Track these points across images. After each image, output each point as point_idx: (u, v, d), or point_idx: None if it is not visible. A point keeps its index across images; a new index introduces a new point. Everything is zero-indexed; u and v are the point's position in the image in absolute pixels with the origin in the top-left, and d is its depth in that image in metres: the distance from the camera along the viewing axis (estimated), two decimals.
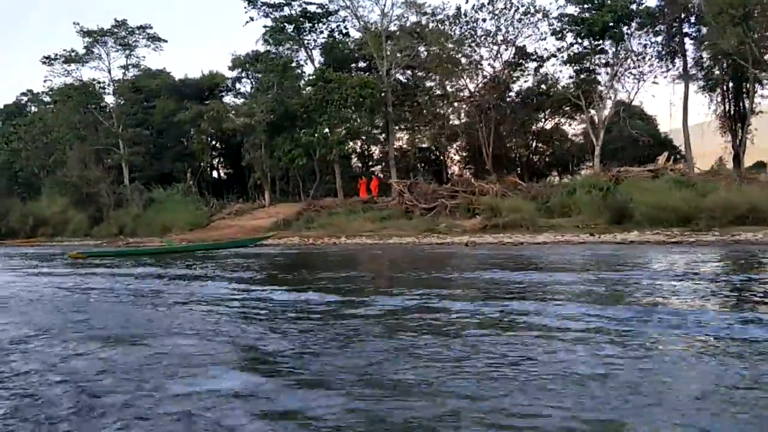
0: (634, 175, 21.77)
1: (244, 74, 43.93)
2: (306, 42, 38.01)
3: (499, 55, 33.92)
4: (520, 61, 34.16)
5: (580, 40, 30.26)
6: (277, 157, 34.94)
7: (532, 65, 34.28)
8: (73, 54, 43.24)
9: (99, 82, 44.28)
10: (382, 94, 34.27)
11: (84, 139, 43.74)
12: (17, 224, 43.72)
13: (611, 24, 27.94)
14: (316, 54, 38.90)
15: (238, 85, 45.73)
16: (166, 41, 45.10)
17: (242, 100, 44.29)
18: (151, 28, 43.96)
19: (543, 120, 40.05)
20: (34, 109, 53.56)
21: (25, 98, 54.24)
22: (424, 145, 45.08)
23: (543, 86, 36.16)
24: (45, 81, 48.32)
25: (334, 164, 36.57)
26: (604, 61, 31.19)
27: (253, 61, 40.87)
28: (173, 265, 15.08)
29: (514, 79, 35.38)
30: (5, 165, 48.78)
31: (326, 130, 33.53)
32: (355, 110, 33.18)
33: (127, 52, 44.36)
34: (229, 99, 45.82)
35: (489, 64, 34.59)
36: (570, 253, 13.69)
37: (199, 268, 13.78)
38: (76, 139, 43.62)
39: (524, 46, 33.53)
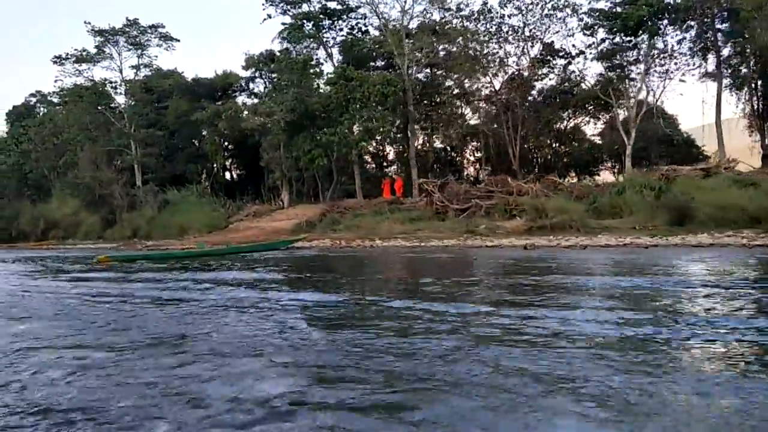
0: (685, 174, 20.81)
1: (257, 74, 43.01)
2: (325, 40, 37.12)
3: (525, 52, 33.00)
4: (548, 57, 33.19)
5: (612, 36, 29.32)
6: (297, 157, 34.03)
7: (560, 62, 33.25)
8: (84, 53, 42.41)
9: (111, 82, 43.47)
10: (403, 93, 33.43)
11: (95, 140, 42.91)
12: (28, 227, 42.90)
13: (646, 18, 27.00)
14: (334, 52, 37.97)
15: (251, 85, 44.79)
16: (178, 41, 44.34)
17: (255, 100, 43.49)
18: (164, 27, 43.21)
19: (567, 119, 39.06)
20: (43, 110, 52.76)
21: (34, 99, 53.42)
22: (439, 146, 44.19)
23: (566, 84, 35.29)
24: (56, 81, 47.49)
25: (354, 164, 35.77)
26: (633, 57, 30.29)
27: (267, 60, 40.09)
28: (216, 268, 14.18)
29: (541, 76, 34.42)
30: (15, 166, 47.94)
31: (347, 129, 32.63)
32: (377, 108, 32.30)
33: (139, 51, 43.60)
34: (242, 99, 44.94)
35: (514, 62, 33.66)
36: (663, 257, 12.55)
37: (245, 271, 12.89)
38: (88, 140, 42.78)
39: (552, 42, 32.63)
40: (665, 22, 28.94)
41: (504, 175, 25.80)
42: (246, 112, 37.88)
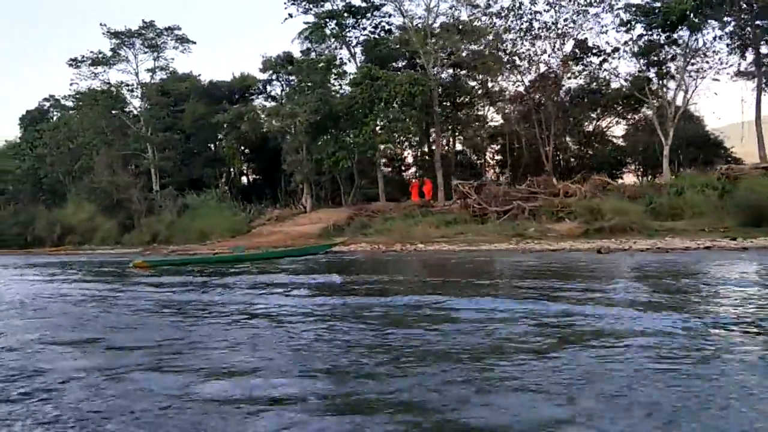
0: (747, 173, 19.74)
1: (274, 77, 42.09)
2: (348, 39, 36.23)
3: (556, 50, 31.98)
4: (581, 55, 32.17)
5: (650, 32, 28.30)
6: (319, 159, 33.15)
7: (594, 60, 32.20)
8: (100, 56, 41.66)
9: (127, 85, 42.75)
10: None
11: (111, 143, 42.12)
12: (44, 232, 42.09)
13: (689, 12, 25.98)
14: (357, 52, 37.09)
15: (269, 88, 43.88)
16: (194, 43, 43.71)
17: (272, 103, 42.68)
18: (180, 29, 42.56)
19: (596, 119, 38.05)
20: (56, 114, 52.02)
21: (47, 104, 52.67)
22: (458, 148, 43.21)
23: (595, 83, 34.30)
24: (71, 84, 46.76)
25: (378, 167, 34.94)
26: (671, 54, 29.26)
27: (285, 62, 39.30)
28: (261, 271, 13.21)
29: (572, 74, 33.39)
30: (30, 171, 47.19)
31: (372, 130, 31.76)
32: (403, 109, 31.43)
33: (155, 54, 42.93)
34: (259, 102, 44.06)
35: (545, 60, 32.66)
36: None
37: (292, 275, 11.93)
38: (103, 144, 42.00)
39: (585, 39, 31.60)
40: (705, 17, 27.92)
41: (547, 176, 24.79)
42: (267, 115, 36.92)
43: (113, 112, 43.31)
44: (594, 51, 31.97)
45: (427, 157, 39.63)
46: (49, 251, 37.71)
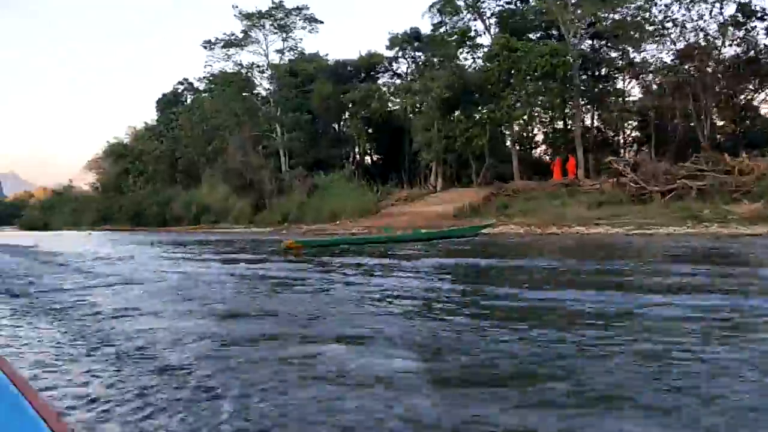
0: None
1: (400, 53, 41.21)
2: (481, 11, 34.60)
3: (715, 14, 28.79)
4: (744, 20, 28.80)
5: None
6: (452, 137, 31.99)
7: (757, 24, 28.74)
8: (232, 38, 42.57)
9: (257, 66, 43.44)
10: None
11: (242, 125, 43.05)
12: (181, 212, 43.95)
13: None
14: (491, 24, 35.36)
15: (395, 65, 43.11)
16: (322, 22, 43.57)
17: (398, 81, 41.93)
18: (308, 8, 42.53)
19: (753, 91, 34.23)
20: (189, 97, 54.17)
21: (181, 87, 55.00)
22: (591, 124, 40.43)
23: (753, 52, 30.65)
24: (205, 66, 48.47)
25: (513, 143, 33.36)
26: None
27: (412, 39, 38.39)
28: (421, 254, 12.30)
29: (733, 41, 30.04)
30: (167, 152, 49.44)
31: (510, 104, 30.21)
32: (543, 82, 29.61)
33: (284, 34, 43.24)
34: (384, 80, 43.44)
35: (699, 26, 29.54)
36: None
37: (449, 257, 10.87)
38: (236, 126, 43.01)
39: (749, 1, 28.21)
40: None
41: (719, 153, 22.25)
42: (397, 92, 36.20)
43: (243, 94, 44.25)
44: (759, 15, 28.51)
45: (558, 134, 37.43)
46: (189, 229, 39.17)
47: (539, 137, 42.40)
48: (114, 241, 27.54)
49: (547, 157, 37.07)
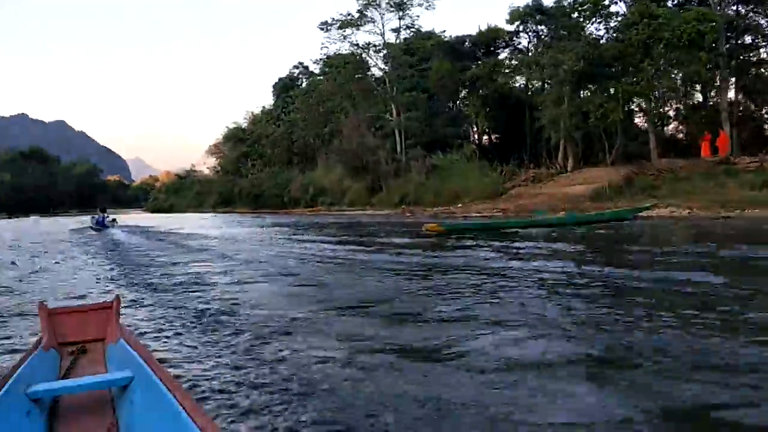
0: None
1: (521, 27, 38.97)
2: None
3: None
4: None
5: None
6: (583, 113, 29.74)
7: None
8: (348, 18, 41.96)
9: (374, 46, 42.64)
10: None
11: (358, 106, 42.50)
12: (298, 194, 44.21)
13: None
14: None
15: (515, 40, 40.89)
16: None
17: (519, 57, 39.75)
18: None
19: None
20: (305, 81, 54.48)
21: (296, 71, 55.41)
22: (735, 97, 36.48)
23: None
24: (322, 48, 48.39)
25: (651, 119, 30.61)
26: None
27: (534, 11, 36.12)
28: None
29: None
30: (283, 136, 49.95)
31: (650, 75, 27.55)
32: (689, 51, 26.67)
33: (400, 12, 42.14)
34: (504, 56, 41.36)
35: None
36: None
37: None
38: (351, 107, 42.53)
39: None
40: None
41: None
42: (523, 66, 34.23)
43: (358, 75, 43.67)
44: None
45: (696, 109, 34.01)
46: (308, 212, 39.22)
47: (671, 113, 39.01)
48: (238, 222, 27.72)
49: (681, 135, 33.88)
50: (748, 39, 33.14)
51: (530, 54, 37.99)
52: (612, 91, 29.16)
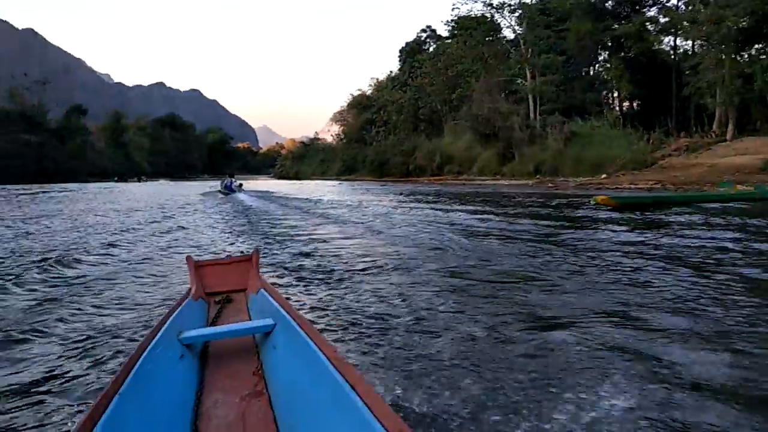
0: None
1: None
2: None
3: None
4: None
5: None
6: (749, 75, 26.55)
7: None
8: None
9: (508, 5, 40.53)
10: None
11: (489, 70, 40.71)
12: (424, 161, 43.36)
13: None
14: None
15: None
16: None
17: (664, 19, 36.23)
18: None
19: None
20: (432, 45, 53.16)
21: (424, 35, 54.15)
22: None
23: None
24: (452, 9, 46.97)
25: None
26: None
27: None
28: None
29: None
30: (410, 102, 49.08)
31: None
32: None
33: None
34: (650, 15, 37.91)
35: None
36: None
37: None
38: (483, 71, 40.81)
39: None
40: None
41: None
42: (677, 23, 31.11)
43: (488, 38, 41.80)
44: None
45: None
46: (434, 180, 38.35)
47: None
48: (369, 190, 27.32)
49: None
50: None
51: (683, 11, 34.50)
52: None
